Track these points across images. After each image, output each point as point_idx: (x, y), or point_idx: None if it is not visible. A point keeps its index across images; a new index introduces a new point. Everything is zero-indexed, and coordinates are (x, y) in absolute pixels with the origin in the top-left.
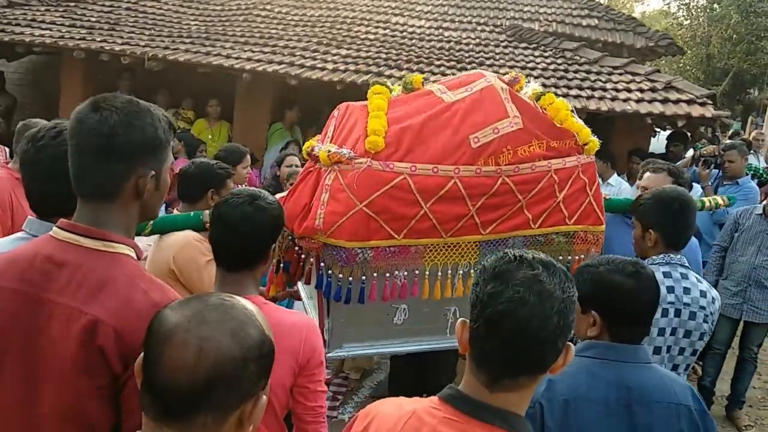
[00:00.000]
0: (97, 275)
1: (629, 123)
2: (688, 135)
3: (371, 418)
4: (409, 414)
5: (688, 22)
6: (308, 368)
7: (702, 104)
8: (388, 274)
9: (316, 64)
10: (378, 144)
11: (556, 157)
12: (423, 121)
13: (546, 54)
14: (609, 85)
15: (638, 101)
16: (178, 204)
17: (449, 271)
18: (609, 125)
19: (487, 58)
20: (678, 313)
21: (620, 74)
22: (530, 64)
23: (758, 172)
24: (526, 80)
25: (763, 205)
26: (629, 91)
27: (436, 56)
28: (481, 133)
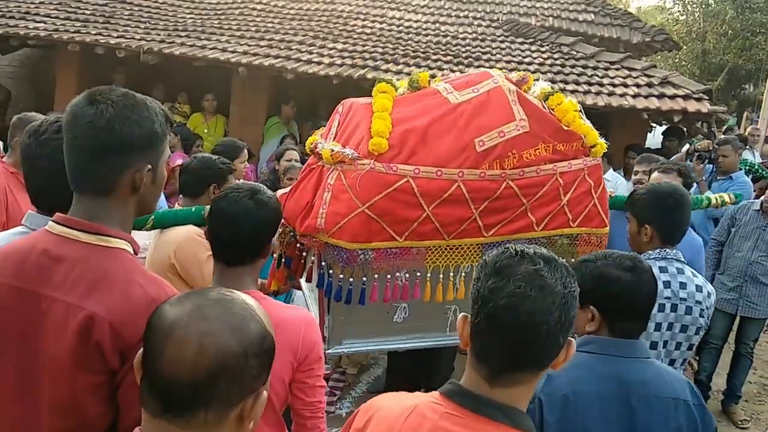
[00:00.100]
0: (93, 270)
1: (625, 118)
2: (684, 130)
3: (372, 413)
4: (410, 409)
5: (683, 18)
6: (307, 363)
7: (698, 99)
8: (390, 276)
9: (312, 58)
10: (381, 146)
11: (562, 160)
12: (428, 123)
13: (543, 49)
14: (605, 80)
15: (635, 96)
16: (178, 198)
17: (451, 272)
18: (605, 120)
19: (484, 53)
20: (674, 308)
21: (617, 69)
22: (527, 59)
23: (753, 167)
24: (535, 79)
25: (760, 201)
26: (626, 86)
27: (432, 51)
28: (486, 137)
